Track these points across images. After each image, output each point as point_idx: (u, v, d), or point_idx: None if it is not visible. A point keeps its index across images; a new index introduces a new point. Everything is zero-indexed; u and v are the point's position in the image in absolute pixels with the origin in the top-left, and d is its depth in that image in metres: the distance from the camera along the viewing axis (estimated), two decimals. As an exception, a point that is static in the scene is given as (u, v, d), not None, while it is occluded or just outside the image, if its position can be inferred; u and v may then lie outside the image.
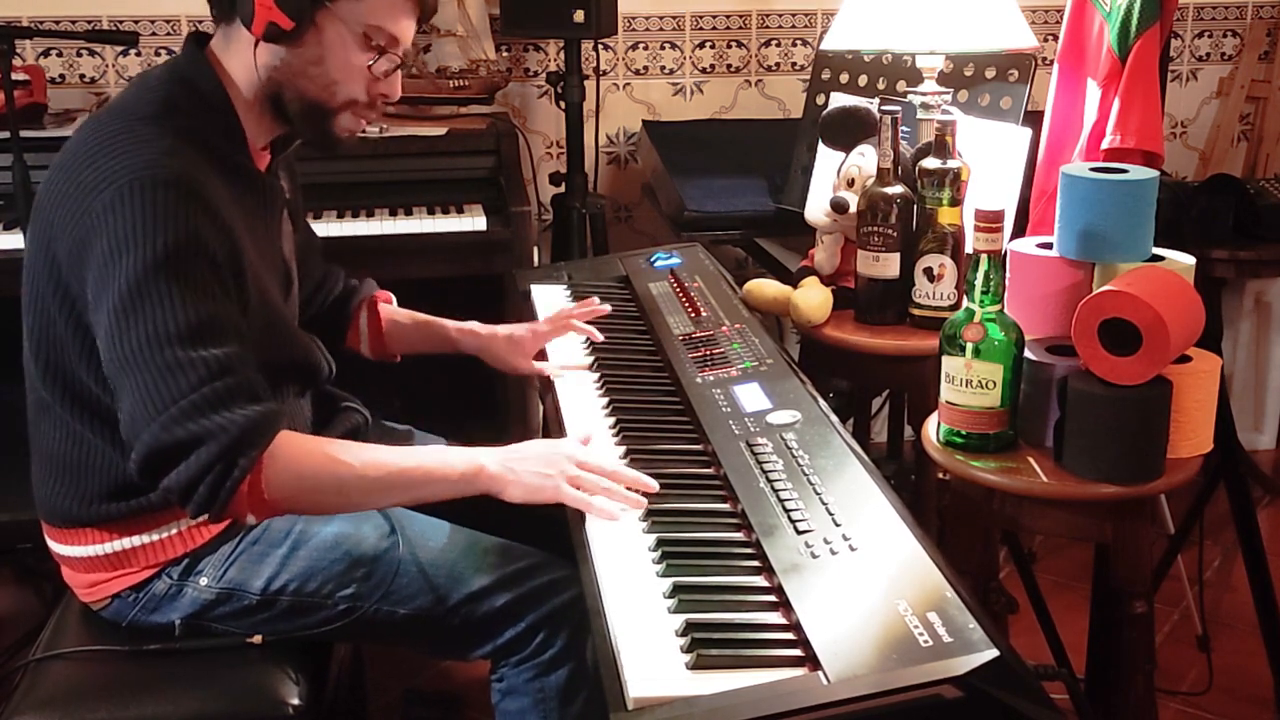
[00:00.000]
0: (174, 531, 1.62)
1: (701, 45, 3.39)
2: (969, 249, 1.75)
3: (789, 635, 1.19)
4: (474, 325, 2.01)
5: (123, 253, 1.41)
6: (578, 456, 1.51)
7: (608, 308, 2.03)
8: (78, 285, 1.48)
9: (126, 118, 1.52)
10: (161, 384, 1.39)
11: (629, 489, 1.47)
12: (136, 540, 1.61)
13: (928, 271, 2.10)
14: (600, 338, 1.97)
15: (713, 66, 3.41)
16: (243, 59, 1.57)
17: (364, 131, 1.71)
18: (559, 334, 2.00)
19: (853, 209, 2.14)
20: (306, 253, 1.94)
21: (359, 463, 1.48)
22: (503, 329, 1.99)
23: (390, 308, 2.04)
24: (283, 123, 1.63)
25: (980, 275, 1.60)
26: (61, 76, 3.14)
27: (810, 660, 1.14)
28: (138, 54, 3.13)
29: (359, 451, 1.50)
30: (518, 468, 1.50)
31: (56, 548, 1.67)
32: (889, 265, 2.14)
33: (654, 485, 1.48)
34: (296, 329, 1.73)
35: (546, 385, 1.90)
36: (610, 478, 1.48)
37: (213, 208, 1.47)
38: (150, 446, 1.40)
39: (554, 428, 1.78)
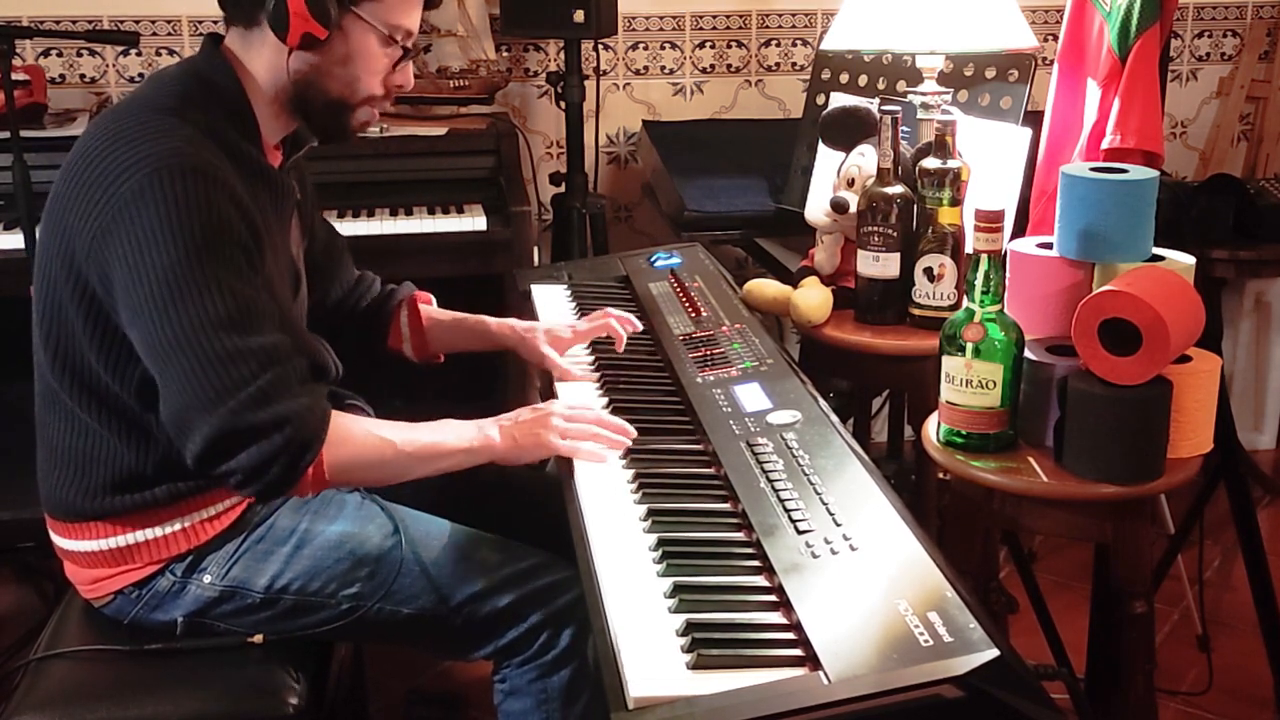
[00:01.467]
0: (178, 527, 1.62)
1: (701, 45, 3.39)
2: (969, 249, 1.76)
3: (789, 635, 1.19)
4: (512, 321, 2.01)
5: (156, 241, 1.42)
6: (564, 411, 1.64)
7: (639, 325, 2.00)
8: (96, 271, 1.48)
9: (144, 109, 1.53)
10: (219, 373, 1.43)
11: (614, 434, 1.61)
12: (141, 535, 1.61)
13: (928, 271, 2.10)
14: (639, 326, 1.97)
15: (713, 66, 3.41)
16: (267, 62, 1.59)
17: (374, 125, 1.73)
18: (599, 332, 1.97)
19: (853, 209, 2.15)
20: (333, 255, 1.95)
21: (399, 439, 1.57)
22: (542, 325, 2.00)
23: (429, 308, 2.04)
24: (301, 119, 1.65)
25: (980, 275, 1.60)
26: (61, 76, 3.14)
27: (810, 660, 1.14)
28: (138, 54, 3.13)
29: (394, 429, 1.59)
30: (515, 433, 1.61)
31: (60, 542, 1.67)
32: (889, 265, 2.14)
33: (633, 432, 1.62)
34: (304, 329, 1.74)
35: (547, 384, 1.91)
36: (595, 423, 1.62)
37: (236, 195, 1.49)
38: (217, 433, 1.43)
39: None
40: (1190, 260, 1.72)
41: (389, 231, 2.69)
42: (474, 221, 2.72)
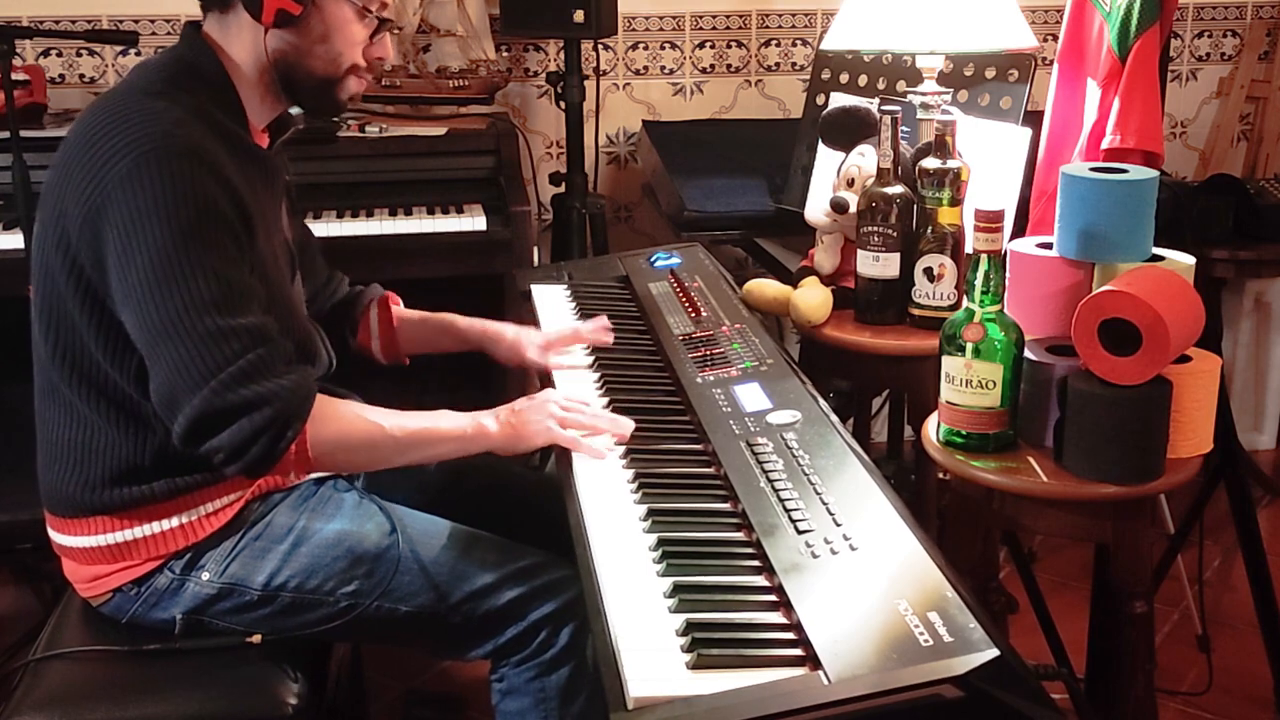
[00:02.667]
0: (177, 523, 1.62)
1: (701, 45, 3.39)
2: (969, 249, 1.75)
3: (789, 635, 1.19)
4: (483, 322, 2.01)
5: (146, 223, 1.44)
6: (560, 400, 1.66)
7: (610, 339, 1.98)
8: (90, 255, 1.49)
9: (132, 94, 1.55)
10: (205, 352, 1.45)
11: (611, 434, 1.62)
12: (139, 531, 1.61)
13: (928, 271, 2.10)
14: (610, 340, 1.95)
15: (713, 66, 3.41)
16: (246, 44, 1.61)
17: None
18: (570, 342, 1.96)
19: (853, 209, 2.15)
20: (306, 251, 1.95)
21: (388, 424, 1.59)
22: (510, 328, 1.99)
23: (399, 308, 2.05)
24: (291, 100, 1.67)
25: (980, 275, 1.60)
26: (61, 76, 3.14)
27: (811, 660, 1.14)
28: (138, 54, 3.12)
29: (385, 414, 1.60)
30: (514, 421, 1.63)
31: (59, 539, 1.67)
32: (889, 265, 2.14)
33: (631, 425, 1.62)
34: (302, 312, 1.75)
35: (547, 385, 1.90)
36: (592, 415, 1.64)
37: (225, 177, 1.51)
38: (201, 411, 1.45)
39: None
40: (1190, 260, 1.72)
41: (389, 231, 2.69)
42: (474, 221, 2.72)
